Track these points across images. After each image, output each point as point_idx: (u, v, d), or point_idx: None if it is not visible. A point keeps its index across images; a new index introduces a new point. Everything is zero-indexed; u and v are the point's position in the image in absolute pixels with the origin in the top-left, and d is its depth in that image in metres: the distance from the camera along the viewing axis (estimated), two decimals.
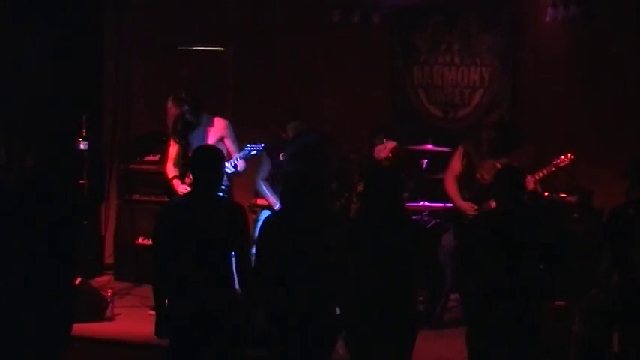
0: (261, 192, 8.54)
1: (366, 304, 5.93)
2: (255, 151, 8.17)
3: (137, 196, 10.02)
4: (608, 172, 8.21)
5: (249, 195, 8.71)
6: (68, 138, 9.54)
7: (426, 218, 9.00)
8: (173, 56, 10.40)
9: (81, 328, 7.29)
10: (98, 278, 9.86)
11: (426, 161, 9.20)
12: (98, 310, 8.39)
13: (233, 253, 5.98)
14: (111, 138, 10.57)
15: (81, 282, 8.26)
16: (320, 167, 8.43)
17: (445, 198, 8.49)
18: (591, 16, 9.19)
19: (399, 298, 5.92)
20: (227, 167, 7.85)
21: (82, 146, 9.54)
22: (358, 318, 5.98)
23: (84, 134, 9.48)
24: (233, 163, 8.10)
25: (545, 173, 7.96)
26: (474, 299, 6.26)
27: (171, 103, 8.47)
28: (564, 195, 8.81)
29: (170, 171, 8.47)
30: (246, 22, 10.21)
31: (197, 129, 8.33)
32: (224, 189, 7.75)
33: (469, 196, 8.17)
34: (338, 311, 6.10)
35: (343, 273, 5.98)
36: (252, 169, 8.56)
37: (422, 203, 9.07)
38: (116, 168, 10.39)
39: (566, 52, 9.53)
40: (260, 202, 8.61)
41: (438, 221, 8.90)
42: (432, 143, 9.20)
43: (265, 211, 8.32)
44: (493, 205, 7.42)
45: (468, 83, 9.95)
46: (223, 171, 6.26)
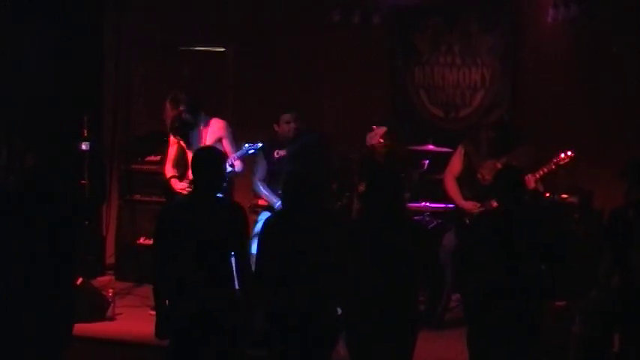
0: (259, 193, 8.51)
1: (366, 304, 5.94)
2: (252, 150, 8.18)
3: (138, 197, 10.05)
4: (608, 172, 8.18)
5: (250, 195, 8.70)
6: (68, 138, 9.55)
7: (428, 219, 8.99)
8: (173, 56, 10.40)
9: (82, 328, 7.32)
10: (99, 278, 9.88)
11: (427, 161, 9.20)
12: (99, 310, 8.41)
13: (233, 254, 5.99)
14: (111, 138, 10.58)
15: (82, 282, 8.27)
16: (320, 167, 8.41)
17: (446, 199, 8.49)
18: (591, 16, 9.17)
19: (399, 298, 5.93)
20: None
21: (84, 147, 9.54)
22: (358, 318, 5.99)
23: (85, 135, 9.48)
24: (230, 162, 8.10)
25: (545, 171, 7.95)
26: (475, 299, 6.26)
27: (168, 104, 8.49)
28: (565, 196, 8.81)
29: (168, 171, 8.50)
30: (246, 22, 10.21)
31: (195, 129, 8.35)
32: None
33: (470, 196, 8.17)
34: (339, 312, 6.11)
35: (343, 273, 5.99)
36: (250, 170, 8.55)
37: (423, 204, 9.06)
38: (117, 168, 10.42)
39: (566, 52, 9.51)
40: (261, 203, 8.59)
41: (440, 221, 8.89)
42: (433, 143, 9.20)
43: (265, 212, 8.31)
44: (494, 205, 7.45)
45: (469, 84, 9.93)
46: (224, 172, 6.26)
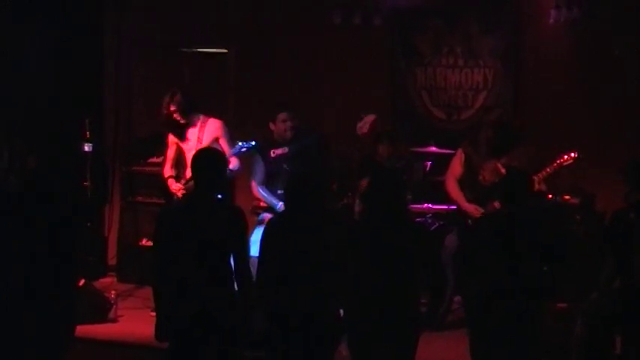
0: (259, 196, 8.46)
1: (367, 304, 5.95)
2: (245, 148, 8.16)
3: (140, 198, 10.04)
4: (608, 173, 8.18)
5: (251, 197, 8.69)
6: (69, 139, 9.53)
7: (430, 220, 8.98)
8: (173, 56, 10.40)
9: (84, 330, 7.34)
10: (101, 280, 9.88)
11: (430, 163, 9.19)
12: (101, 312, 8.41)
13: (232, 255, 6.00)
14: (113, 139, 10.59)
15: (84, 284, 8.29)
16: (320, 167, 8.40)
17: (448, 200, 8.48)
18: (592, 17, 9.17)
19: (399, 298, 5.93)
20: None
21: (87, 148, 9.52)
22: (359, 317, 5.99)
23: (87, 136, 9.48)
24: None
25: (549, 172, 7.92)
26: (477, 301, 6.26)
27: (164, 101, 8.51)
28: (567, 197, 8.79)
29: (167, 171, 8.52)
30: (246, 23, 10.21)
31: (189, 129, 8.38)
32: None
33: (472, 198, 8.15)
34: (342, 313, 6.11)
35: (344, 272, 5.99)
36: (248, 170, 8.55)
37: (425, 205, 9.05)
38: (119, 170, 10.43)
39: (566, 53, 9.50)
40: (263, 205, 8.57)
41: (442, 223, 8.88)
42: (435, 145, 9.19)
43: (266, 214, 8.29)
44: (497, 206, 7.46)
45: (472, 85, 9.91)
46: (225, 173, 6.26)
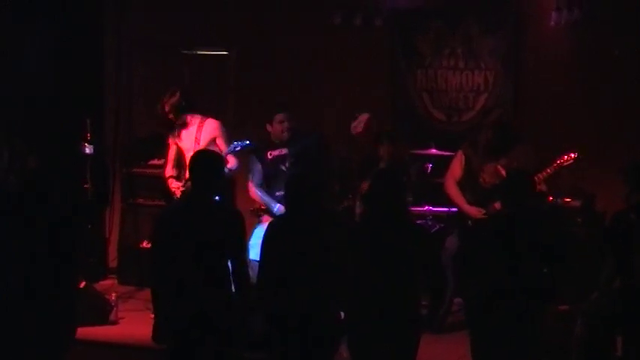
0: (256, 198, 8.44)
1: (366, 305, 5.95)
2: (239, 147, 8.18)
3: (141, 200, 10.03)
4: (608, 173, 8.18)
5: (251, 199, 8.68)
6: (69, 139, 9.51)
7: (430, 222, 8.97)
8: (174, 57, 10.38)
9: (85, 332, 7.31)
10: (102, 282, 9.86)
11: (430, 165, 9.19)
12: (102, 314, 8.41)
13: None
14: (113, 140, 10.57)
15: (85, 286, 8.28)
16: (320, 168, 8.40)
17: (449, 202, 8.47)
18: (592, 18, 9.16)
19: (399, 299, 5.94)
20: None
21: (87, 150, 9.49)
22: (358, 318, 5.99)
23: (88, 137, 9.47)
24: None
25: (549, 172, 7.92)
26: (477, 302, 6.26)
27: (161, 101, 8.55)
28: (568, 199, 8.80)
29: (167, 171, 8.56)
30: (246, 24, 10.21)
31: (183, 129, 8.42)
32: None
33: (472, 200, 8.15)
34: (342, 315, 6.11)
35: (343, 273, 5.99)
36: (246, 170, 8.56)
37: (426, 207, 9.05)
38: (120, 171, 10.41)
39: (566, 54, 9.49)
40: (264, 206, 8.57)
41: (442, 225, 8.87)
42: (436, 147, 9.19)
43: (265, 217, 8.28)
44: (497, 207, 7.46)
45: (473, 87, 9.90)
46: (222, 174, 6.26)
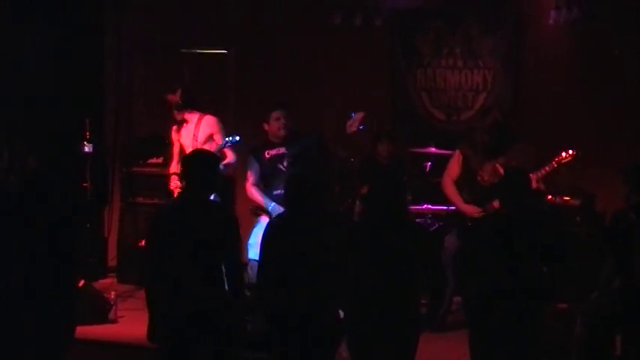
0: (253, 197, 8.43)
1: (366, 304, 5.95)
2: (230, 144, 8.25)
3: (140, 199, 10.01)
4: (608, 173, 8.17)
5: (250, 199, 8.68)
6: (69, 139, 9.51)
7: (430, 221, 8.98)
8: (174, 57, 10.39)
9: (84, 331, 7.31)
10: (101, 281, 9.85)
11: (430, 164, 9.20)
12: (101, 313, 8.40)
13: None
14: (113, 140, 10.58)
15: (84, 285, 8.27)
16: (320, 168, 8.39)
17: (448, 201, 8.48)
18: (592, 17, 9.17)
19: (399, 299, 5.93)
20: None
21: (87, 149, 9.49)
22: (358, 318, 5.99)
23: (87, 137, 9.47)
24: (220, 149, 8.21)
25: (547, 170, 7.92)
26: (477, 302, 6.27)
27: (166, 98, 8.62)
28: (567, 198, 8.80)
29: (172, 167, 8.67)
30: (246, 23, 10.22)
31: (184, 125, 8.49)
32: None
33: (470, 199, 8.14)
34: (342, 314, 6.11)
35: (343, 273, 5.99)
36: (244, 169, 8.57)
37: (425, 206, 9.05)
38: (119, 170, 10.42)
39: (566, 53, 9.50)
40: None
41: (441, 224, 8.88)
42: (435, 146, 9.19)
43: (264, 216, 8.26)
44: (496, 205, 7.46)
45: (471, 86, 9.92)
46: (217, 172, 6.25)
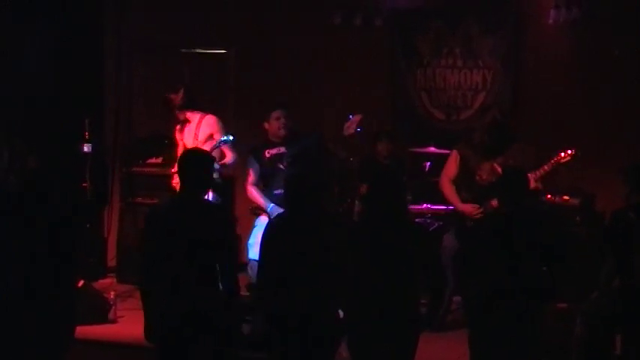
0: (252, 197, 8.43)
1: (366, 305, 5.94)
2: (223, 143, 8.25)
3: (140, 199, 10.01)
4: (608, 173, 8.18)
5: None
6: (69, 139, 9.51)
7: (429, 221, 8.98)
8: (174, 57, 10.40)
9: (84, 331, 7.31)
10: (101, 281, 9.85)
11: (429, 164, 9.20)
12: (101, 313, 8.39)
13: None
14: (113, 140, 10.57)
15: (83, 285, 8.27)
16: (320, 168, 8.39)
17: (447, 201, 8.48)
18: (591, 17, 9.19)
19: (399, 299, 5.93)
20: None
21: (86, 149, 9.50)
22: (358, 318, 5.99)
23: (87, 137, 9.47)
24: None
25: (546, 170, 7.91)
26: (477, 302, 6.27)
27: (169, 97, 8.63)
28: (567, 198, 8.80)
29: (175, 167, 8.63)
30: (246, 23, 10.22)
31: (187, 125, 8.49)
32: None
33: (469, 198, 8.13)
34: (342, 314, 6.11)
35: (343, 273, 5.99)
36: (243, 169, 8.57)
37: (424, 206, 9.06)
38: (119, 170, 10.42)
39: (566, 53, 9.52)
40: None
41: (441, 224, 8.88)
42: (435, 145, 9.20)
43: (263, 216, 8.26)
44: (495, 204, 7.47)
45: (471, 86, 9.95)
46: (211, 171, 6.25)
